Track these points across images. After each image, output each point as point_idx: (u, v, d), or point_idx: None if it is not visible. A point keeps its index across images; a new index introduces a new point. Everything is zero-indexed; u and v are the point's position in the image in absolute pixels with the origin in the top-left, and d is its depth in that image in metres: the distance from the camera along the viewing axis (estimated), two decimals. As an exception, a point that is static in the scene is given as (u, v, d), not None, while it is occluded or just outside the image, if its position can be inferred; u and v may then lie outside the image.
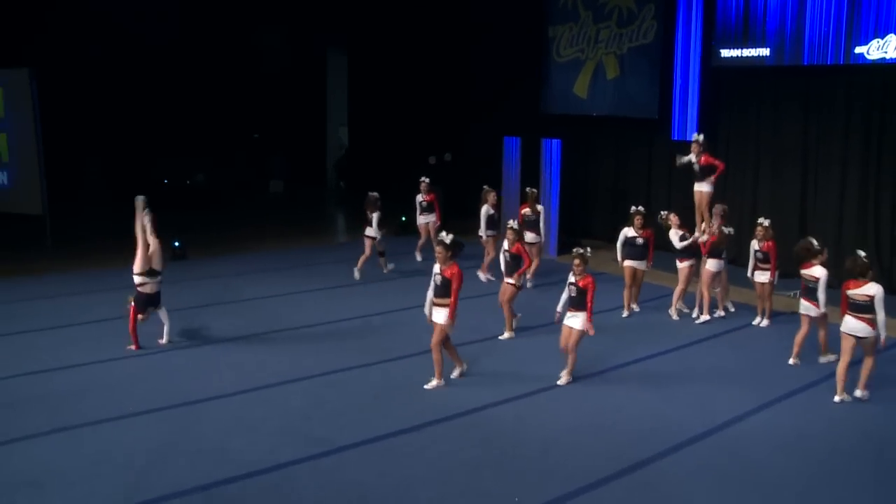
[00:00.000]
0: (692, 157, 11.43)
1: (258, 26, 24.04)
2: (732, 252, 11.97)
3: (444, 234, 8.41)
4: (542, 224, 12.90)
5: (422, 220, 14.27)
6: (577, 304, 8.32)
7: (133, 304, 9.41)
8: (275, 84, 24.93)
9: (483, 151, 17.47)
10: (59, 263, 14.50)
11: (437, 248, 8.31)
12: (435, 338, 8.22)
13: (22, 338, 10.06)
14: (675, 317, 10.90)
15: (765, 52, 12.98)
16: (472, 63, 18.84)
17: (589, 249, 8.56)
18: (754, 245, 10.26)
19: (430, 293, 8.33)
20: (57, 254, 15.28)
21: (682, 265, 10.87)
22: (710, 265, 10.66)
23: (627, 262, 11.17)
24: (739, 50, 13.34)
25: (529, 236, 12.24)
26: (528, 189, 13.24)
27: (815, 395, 8.21)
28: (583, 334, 8.32)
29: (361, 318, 11.03)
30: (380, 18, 21.34)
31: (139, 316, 9.40)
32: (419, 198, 14.26)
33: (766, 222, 10.23)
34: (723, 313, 11.02)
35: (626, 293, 11.20)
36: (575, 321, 8.32)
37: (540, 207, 12.99)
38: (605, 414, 7.77)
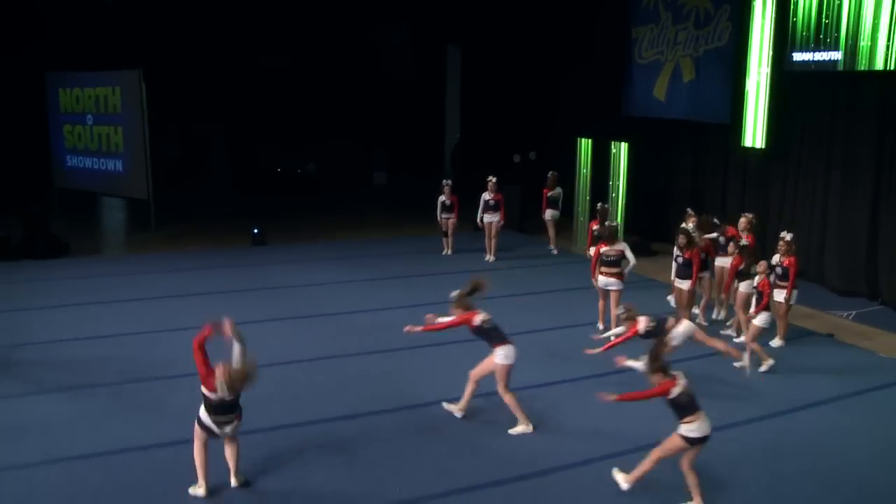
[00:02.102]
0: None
1: (380, 24, 25.00)
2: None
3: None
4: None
5: (487, 218, 14.67)
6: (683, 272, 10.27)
7: None
8: (394, 79, 25.85)
9: (563, 151, 17.54)
10: (158, 243, 16.02)
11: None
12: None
13: (113, 307, 11.46)
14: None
15: (837, 55, 12.35)
16: (562, 63, 18.91)
17: (693, 225, 10.58)
18: (774, 260, 9.89)
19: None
20: (158, 235, 16.83)
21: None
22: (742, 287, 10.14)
23: (675, 281, 10.66)
24: (812, 54, 12.74)
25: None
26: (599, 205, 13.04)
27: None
28: (693, 293, 10.17)
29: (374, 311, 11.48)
30: (492, 17, 21.64)
31: None
32: (486, 196, 14.66)
33: (789, 237, 9.85)
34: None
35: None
36: (683, 284, 10.25)
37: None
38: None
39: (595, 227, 12.21)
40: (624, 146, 14.90)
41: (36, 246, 14.80)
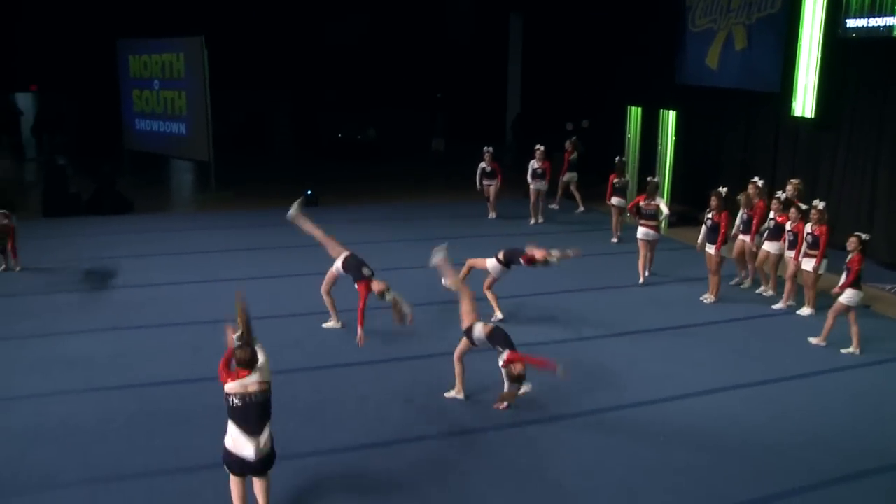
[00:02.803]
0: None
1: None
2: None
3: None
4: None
5: (534, 185, 14.89)
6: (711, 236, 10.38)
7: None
8: (457, 45, 26.04)
9: (616, 120, 17.50)
10: (217, 203, 16.75)
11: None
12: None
13: (165, 259, 12.26)
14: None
15: (893, 21, 12.02)
16: (619, 32, 18.79)
17: (723, 189, 10.55)
18: (807, 228, 9.84)
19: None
20: (218, 195, 17.57)
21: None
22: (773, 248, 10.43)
23: (707, 247, 10.72)
24: (867, 19, 12.43)
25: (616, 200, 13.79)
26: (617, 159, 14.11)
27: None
28: (720, 258, 10.29)
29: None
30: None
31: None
32: (534, 164, 14.87)
33: (821, 205, 9.75)
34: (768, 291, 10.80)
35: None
36: (711, 248, 10.34)
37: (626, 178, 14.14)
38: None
39: (615, 179, 13.68)
40: (672, 114, 14.83)
41: (103, 203, 15.67)
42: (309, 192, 16.60)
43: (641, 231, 11.35)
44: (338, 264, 8.91)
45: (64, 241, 13.01)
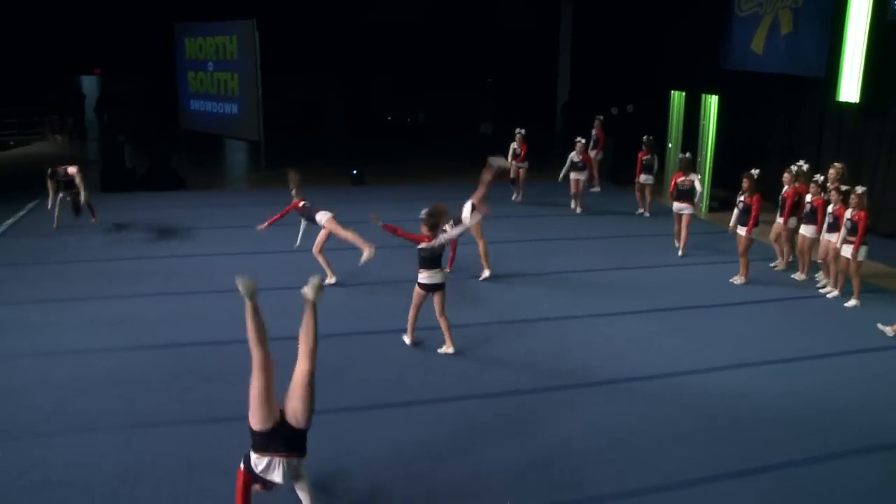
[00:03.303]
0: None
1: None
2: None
3: None
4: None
5: (574, 175, 14.88)
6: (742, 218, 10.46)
7: None
8: (509, 30, 26.18)
9: (662, 105, 17.51)
10: (266, 181, 17.29)
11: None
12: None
13: (211, 232, 12.91)
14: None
15: (941, 6, 11.86)
16: (666, 17, 18.75)
17: (755, 171, 10.58)
18: (847, 213, 9.84)
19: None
20: (267, 174, 18.13)
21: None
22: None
23: (739, 229, 10.83)
24: (915, 3, 12.27)
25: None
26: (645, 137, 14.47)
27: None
28: (750, 240, 10.41)
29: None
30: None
31: None
32: (574, 157, 14.73)
33: (861, 190, 9.74)
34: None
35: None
36: (743, 230, 10.45)
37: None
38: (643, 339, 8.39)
39: (644, 156, 14.42)
40: (714, 99, 14.81)
41: (157, 179, 16.35)
42: (356, 172, 17.07)
43: (677, 206, 11.97)
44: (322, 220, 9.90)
45: (118, 214, 13.67)
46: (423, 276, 7.88)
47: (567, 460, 6.07)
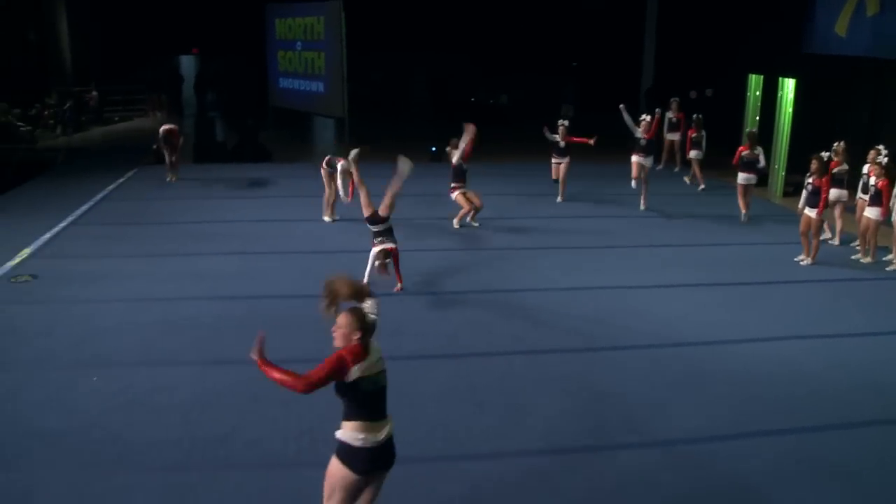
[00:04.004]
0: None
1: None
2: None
3: None
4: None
5: (636, 158, 14.63)
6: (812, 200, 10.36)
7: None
8: (592, 12, 26.21)
9: (741, 88, 17.37)
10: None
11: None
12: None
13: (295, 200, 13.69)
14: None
15: None
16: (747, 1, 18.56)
17: (825, 154, 10.65)
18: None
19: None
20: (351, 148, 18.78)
21: None
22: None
23: (806, 209, 10.75)
24: None
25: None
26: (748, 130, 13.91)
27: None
28: (820, 222, 10.43)
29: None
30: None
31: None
32: (637, 160, 14.40)
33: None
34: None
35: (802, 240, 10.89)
36: (812, 212, 10.35)
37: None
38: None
39: (692, 134, 15.21)
40: (791, 82, 14.67)
41: (246, 152, 17.29)
42: (434, 149, 17.60)
43: (742, 177, 12.63)
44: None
45: (207, 182, 14.64)
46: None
47: (602, 412, 6.45)
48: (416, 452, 5.40)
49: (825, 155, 10.91)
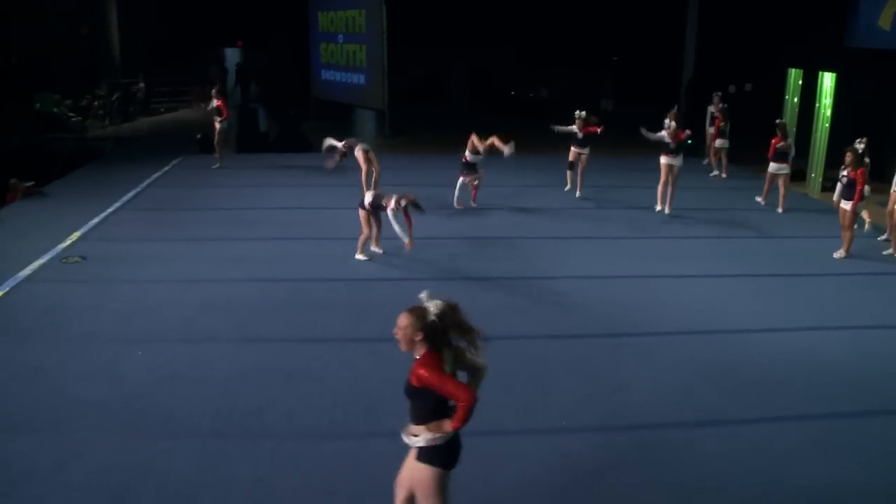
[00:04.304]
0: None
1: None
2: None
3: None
4: None
5: (664, 160, 14.50)
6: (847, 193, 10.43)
7: None
8: (636, 9, 26.13)
9: (781, 83, 17.25)
10: (389, 148, 18.30)
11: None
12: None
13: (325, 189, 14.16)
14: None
15: None
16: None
17: (860, 146, 10.85)
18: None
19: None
20: (391, 141, 19.14)
21: None
22: None
23: (842, 203, 10.76)
24: None
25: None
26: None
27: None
28: (855, 214, 10.44)
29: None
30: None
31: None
32: (665, 161, 14.24)
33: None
34: None
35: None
36: (847, 205, 10.38)
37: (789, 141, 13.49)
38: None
39: (720, 124, 15.58)
40: (830, 77, 14.54)
41: (287, 142, 17.66)
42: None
43: (775, 166, 13.05)
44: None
45: (250, 171, 15.02)
46: None
47: (625, 395, 6.59)
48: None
49: (859, 147, 10.88)
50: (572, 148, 14.09)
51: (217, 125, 15.38)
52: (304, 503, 5.07)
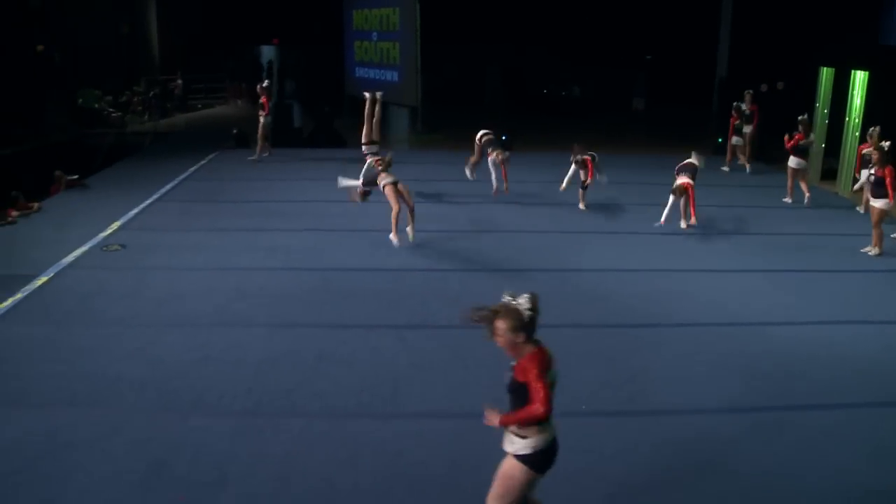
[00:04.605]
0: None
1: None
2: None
3: None
4: None
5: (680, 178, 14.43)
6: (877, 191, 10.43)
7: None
8: (671, 8, 26.09)
9: (813, 82, 17.17)
10: (421, 143, 18.60)
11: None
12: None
13: None
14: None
15: None
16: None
17: (886, 143, 10.76)
18: None
19: None
20: (424, 137, 19.38)
21: None
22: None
23: (871, 201, 10.86)
24: None
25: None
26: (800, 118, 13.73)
27: None
28: (883, 213, 10.36)
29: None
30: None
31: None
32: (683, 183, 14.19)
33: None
34: None
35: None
36: (878, 202, 10.38)
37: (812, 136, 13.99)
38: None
39: (735, 122, 15.97)
40: (863, 75, 14.47)
41: (320, 138, 17.97)
42: (504, 137, 17.94)
43: (796, 161, 13.33)
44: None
45: (284, 165, 15.36)
46: None
47: (640, 384, 6.73)
48: (468, 409, 5.73)
49: (885, 144, 10.88)
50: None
51: (261, 119, 15.75)
52: (331, 478, 5.29)
